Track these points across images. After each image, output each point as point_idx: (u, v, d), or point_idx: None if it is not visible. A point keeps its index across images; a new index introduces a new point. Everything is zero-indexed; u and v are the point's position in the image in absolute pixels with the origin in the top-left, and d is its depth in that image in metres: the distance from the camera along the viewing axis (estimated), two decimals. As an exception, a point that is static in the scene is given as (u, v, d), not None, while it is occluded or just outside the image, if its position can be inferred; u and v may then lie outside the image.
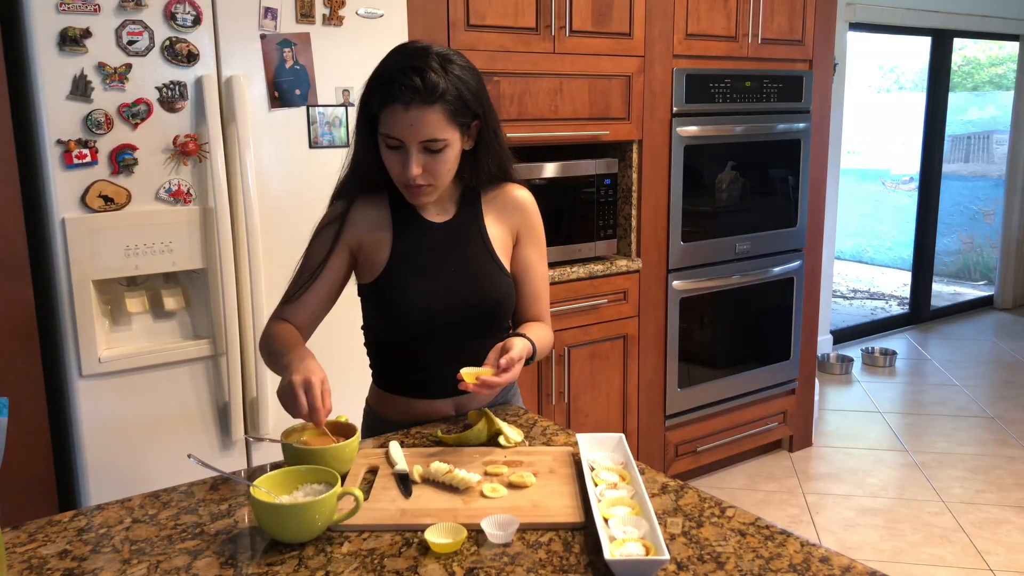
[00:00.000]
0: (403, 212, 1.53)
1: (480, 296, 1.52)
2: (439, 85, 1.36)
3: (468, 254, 1.54)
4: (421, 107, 1.36)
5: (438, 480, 1.28)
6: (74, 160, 1.95)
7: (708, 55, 3.22)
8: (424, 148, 1.39)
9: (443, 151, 1.41)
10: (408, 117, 1.36)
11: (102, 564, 1.09)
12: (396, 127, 1.38)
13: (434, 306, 1.50)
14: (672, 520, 1.18)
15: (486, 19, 2.66)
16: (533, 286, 1.61)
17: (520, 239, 1.60)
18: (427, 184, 1.43)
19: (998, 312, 6.47)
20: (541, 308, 1.63)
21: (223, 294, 2.13)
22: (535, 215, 1.62)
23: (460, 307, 1.51)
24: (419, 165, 1.40)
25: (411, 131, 1.37)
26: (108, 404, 2.06)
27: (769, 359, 3.64)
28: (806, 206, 3.63)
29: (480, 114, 1.45)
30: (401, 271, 1.51)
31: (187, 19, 2.03)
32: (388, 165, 1.44)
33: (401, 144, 1.39)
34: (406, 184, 1.43)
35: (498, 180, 1.57)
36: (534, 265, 1.61)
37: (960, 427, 4.14)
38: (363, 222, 1.52)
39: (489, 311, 1.54)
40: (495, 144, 1.50)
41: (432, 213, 1.54)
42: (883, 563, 2.89)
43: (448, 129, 1.40)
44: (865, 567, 1.04)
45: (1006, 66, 7.30)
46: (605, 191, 3.03)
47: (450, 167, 1.45)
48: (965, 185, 7.48)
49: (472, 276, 1.52)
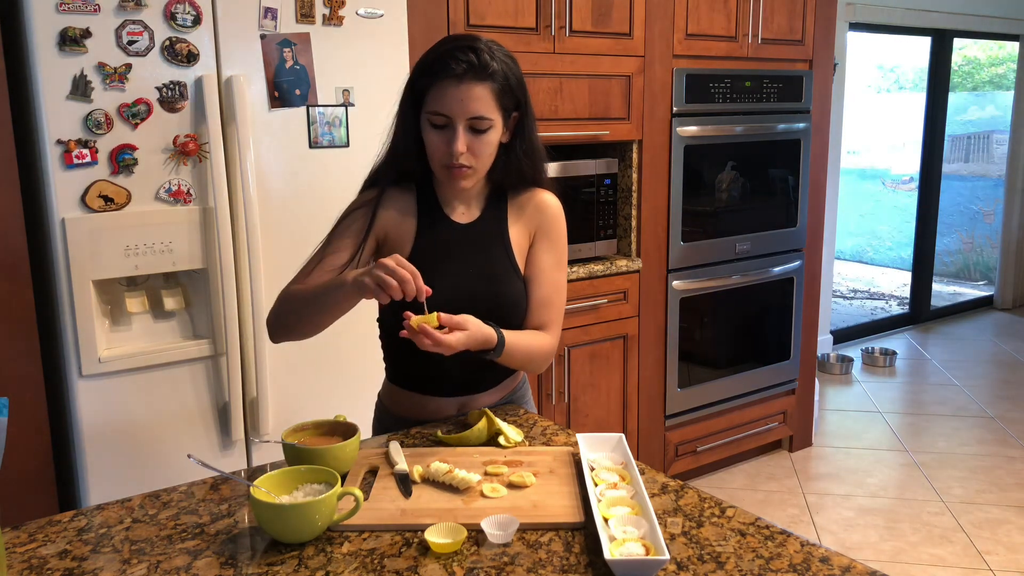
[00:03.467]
0: (429, 209, 1.54)
1: (494, 297, 1.52)
2: (490, 64, 1.40)
3: (487, 257, 1.54)
4: (472, 82, 1.39)
5: (438, 480, 1.28)
6: (74, 160, 1.95)
7: (708, 55, 3.22)
8: (470, 127, 1.41)
9: (487, 132, 1.43)
10: (459, 91, 1.38)
11: (102, 564, 1.09)
12: (446, 102, 1.39)
13: (449, 305, 1.48)
14: (672, 520, 1.18)
15: (486, 19, 2.66)
16: (542, 291, 1.56)
17: (535, 240, 1.58)
18: (469, 166, 1.44)
19: (998, 312, 6.47)
20: (548, 316, 1.56)
21: (223, 294, 2.13)
22: (557, 221, 1.59)
23: (473, 307, 1.49)
24: (464, 143, 1.41)
25: (460, 106, 1.39)
26: (108, 404, 2.06)
27: (769, 359, 3.64)
28: (806, 206, 3.63)
29: (522, 105, 1.48)
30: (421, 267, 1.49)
31: (187, 19, 2.03)
32: (431, 146, 1.44)
33: (448, 122, 1.41)
34: (448, 164, 1.43)
35: (528, 182, 1.57)
36: (547, 270, 1.57)
37: (960, 427, 4.14)
38: (392, 213, 1.52)
39: (502, 312, 1.53)
40: (531, 141, 1.52)
41: (458, 212, 1.55)
42: (883, 563, 2.89)
43: (494, 110, 1.42)
44: (865, 567, 1.04)
45: (1006, 66, 7.30)
46: (605, 191, 3.04)
47: (492, 151, 1.46)
48: (965, 185, 7.48)
49: (488, 277, 1.52)
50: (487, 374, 1.61)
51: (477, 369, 1.58)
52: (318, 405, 2.28)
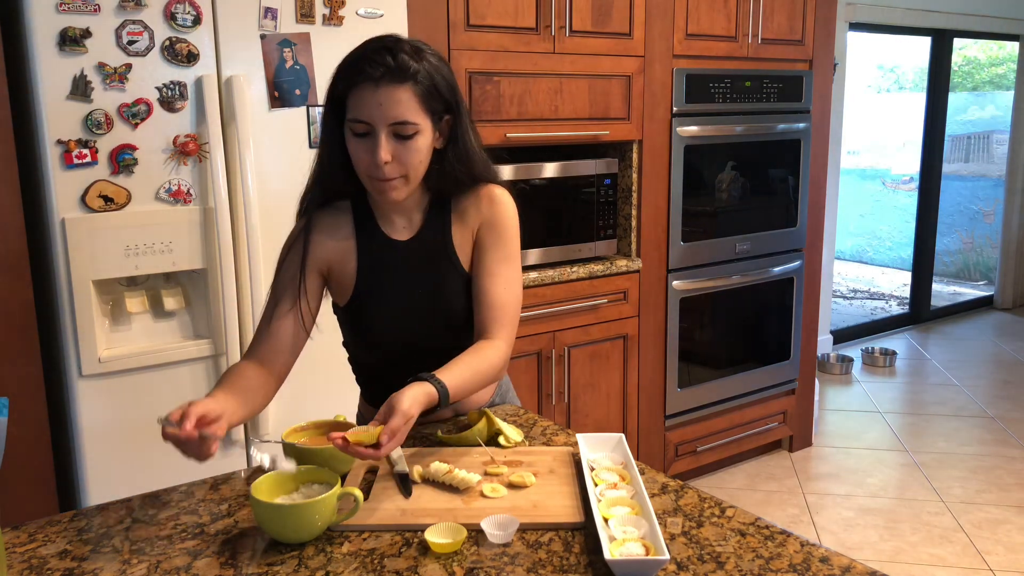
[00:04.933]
0: (366, 229, 1.45)
1: (449, 317, 1.47)
2: (411, 65, 1.30)
3: (434, 273, 1.46)
4: (391, 85, 1.29)
5: (438, 480, 1.28)
6: (74, 160, 1.95)
7: (708, 55, 3.22)
8: (394, 133, 1.31)
9: (414, 138, 1.32)
10: (377, 95, 1.29)
11: (102, 564, 1.09)
12: (364, 108, 1.29)
13: (403, 331, 1.46)
14: (672, 520, 1.18)
15: (486, 19, 2.66)
16: (487, 290, 1.43)
17: (479, 236, 1.46)
18: (397, 176, 1.34)
19: (998, 312, 6.47)
20: (495, 317, 1.42)
21: (223, 294, 2.13)
22: (501, 211, 1.46)
23: (429, 330, 1.46)
24: (388, 151, 1.31)
25: (380, 111, 1.29)
26: (108, 404, 2.06)
27: (769, 359, 3.64)
28: (806, 206, 3.63)
29: (453, 108, 1.37)
30: (367, 297, 1.45)
31: (187, 19, 2.03)
32: (355, 157, 1.34)
33: (369, 129, 1.31)
34: (374, 176, 1.33)
35: (464, 187, 1.46)
36: (491, 265, 1.44)
37: (960, 427, 4.14)
38: (327, 240, 1.44)
39: (455, 331, 1.48)
40: (466, 145, 1.41)
41: (397, 228, 1.46)
42: (883, 563, 2.89)
43: (419, 113, 1.31)
44: (865, 567, 1.04)
45: (1006, 66, 7.30)
46: (605, 191, 3.04)
47: (422, 158, 1.35)
48: (965, 185, 7.48)
49: (438, 297, 1.46)
50: None
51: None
52: (318, 405, 2.28)
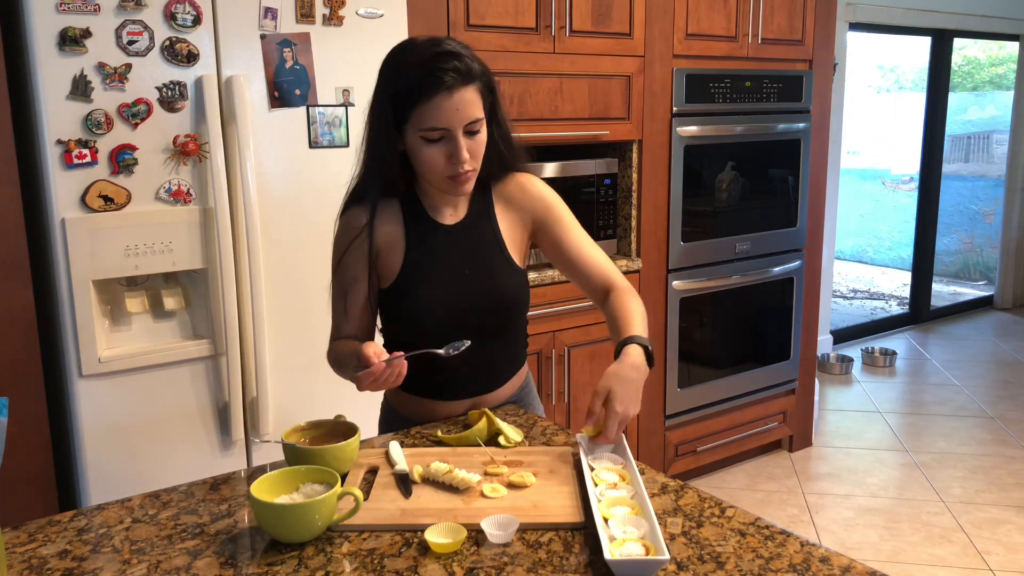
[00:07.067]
0: (415, 216, 1.52)
1: (492, 298, 1.52)
2: (472, 66, 1.38)
3: (480, 255, 1.53)
4: (463, 88, 1.36)
5: (438, 480, 1.28)
6: (74, 160, 1.95)
7: (708, 55, 3.22)
8: (466, 132, 1.39)
9: (480, 132, 1.42)
10: (453, 102, 1.35)
11: (102, 564, 1.09)
12: (442, 116, 1.36)
13: (447, 310, 1.49)
14: (672, 520, 1.18)
15: (486, 19, 2.66)
16: (588, 258, 1.55)
17: (541, 227, 1.57)
18: (472, 170, 1.42)
19: (998, 312, 6.47)
20: (609, 272, 1.56)
21: (223, 294, 2.13)
22: (545, 192, 1.58)
23: (473, 310, 1.50)
24: (467, 151, 1.39)
25: (457, 115, 1.36)
26: (108, 404, 2.06)
27: (769, 359, 3.64)
28: (806, 206, 3.63)
29: (495, 91, 1.46)
30: (414, 277, 1.50)
31: (187, 19, 2.03)
32: (430, 161, 1.41)
33: (446, 134, 1.38)
34: (453, 175, 1.41)
35: (508, 165, 1.55)
36: (574, 241, 1.56)
37: (960, 427, 4.14)
38: (384, 226, 1.50)
39: (502, 312, 1.53)
40: (505, 123, 1.50)
41: (445, 214, 1.53)
42: (883, 563, 2.89)
43: (482, 108, 1.40)
44: (865, 567, 1.04)
45: (1006, 66, 7.30)
46: (605, 191, 3.04)
47: (485, 147, 1.45)
48: (965, 185, 7.48)
49: (484, 277, 1.52)
50: (494, 374, 1.61)
51: (485, 371, 1.58)
52: (318, 405, 2.28)
